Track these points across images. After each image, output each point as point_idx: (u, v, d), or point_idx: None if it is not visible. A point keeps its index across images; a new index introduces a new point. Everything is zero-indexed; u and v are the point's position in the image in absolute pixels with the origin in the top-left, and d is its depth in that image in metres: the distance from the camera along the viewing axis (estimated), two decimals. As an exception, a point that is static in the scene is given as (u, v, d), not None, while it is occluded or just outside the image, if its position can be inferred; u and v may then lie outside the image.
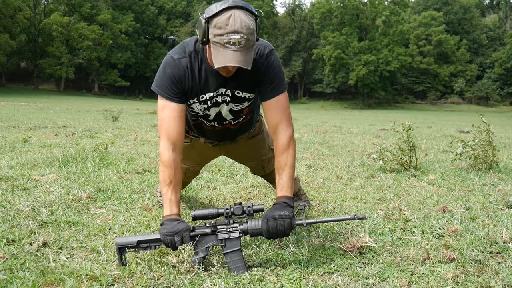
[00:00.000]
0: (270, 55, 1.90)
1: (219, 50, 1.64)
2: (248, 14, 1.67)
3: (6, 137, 6.01)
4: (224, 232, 1.75)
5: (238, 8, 1.64)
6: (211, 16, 1.65)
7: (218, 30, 1.62)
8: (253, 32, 1.66)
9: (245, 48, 1.64)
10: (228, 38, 1.61)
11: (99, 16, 46.99)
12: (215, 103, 1.97)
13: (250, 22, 1.65)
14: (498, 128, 12.50)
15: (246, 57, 1.66)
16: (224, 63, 1.63)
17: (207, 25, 1.67)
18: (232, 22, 1.61)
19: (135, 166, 3.98)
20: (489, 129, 4.03)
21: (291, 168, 1.91)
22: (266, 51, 1.89)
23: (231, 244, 1.73)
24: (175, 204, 1.82)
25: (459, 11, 55.14)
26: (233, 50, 1.62)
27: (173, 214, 1.79)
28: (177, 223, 1.74)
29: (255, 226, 1.77)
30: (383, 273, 1.70)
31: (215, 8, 1.65)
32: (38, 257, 1.83)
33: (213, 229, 1.76)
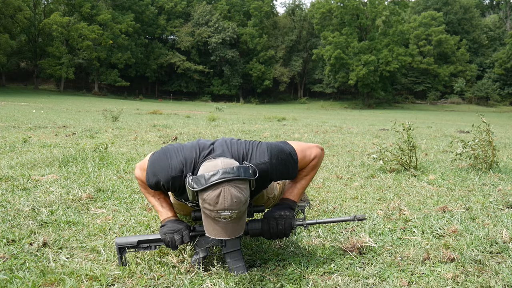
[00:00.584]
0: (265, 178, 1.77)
1: (210, 222, 1.57)
2: (240, 184, 1.55)
3: (6, 137, 6.01)
4: None
5: (229, 181, 1.52)
6: (200, 190, 1.54)
7: (208, 205, 1.53)
8: (245, 202, 1.56)
9: (237, 219, 1.57)
10: (218, 214, 1.53)
11: (99, 16, 47.00)
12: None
13: (241, 195, 1.54)
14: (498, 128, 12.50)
15: (237, 226, 1.59)
16: (215, 235, 1.58)
17: (196, 196, 1.59)
18: (222, 200, 1.51)
19: (135, 166, 3.97)
20: (489, 129, 4.03)
21: (307, 181, 1.93)
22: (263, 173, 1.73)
23: (231, 244, 1.73)
24: (168, 209, 1.84)
25: (459, 11, 55.15)
26: (224, 224, 1.55)
27: (171, 216, 1.80)
28: (177, 223, 1.75)
29: (255, 226, 1.77)
30: (383, 273, 1.70)
31: (204, 181, 1.53)
32: (38, 257, 1.83)
33: None
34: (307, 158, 1.87)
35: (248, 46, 53.38)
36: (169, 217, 1.80)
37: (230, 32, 51.95)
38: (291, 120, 15.14)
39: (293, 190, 1.90)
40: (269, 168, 1.74)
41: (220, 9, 54.41)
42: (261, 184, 1.77)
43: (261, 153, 1.74)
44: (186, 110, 23.84)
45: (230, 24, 52.72)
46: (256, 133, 8.33)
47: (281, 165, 1.77)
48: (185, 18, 55.61)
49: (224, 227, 1.56)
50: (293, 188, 1.90)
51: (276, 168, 1.76)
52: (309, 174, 1.91)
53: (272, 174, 1.77)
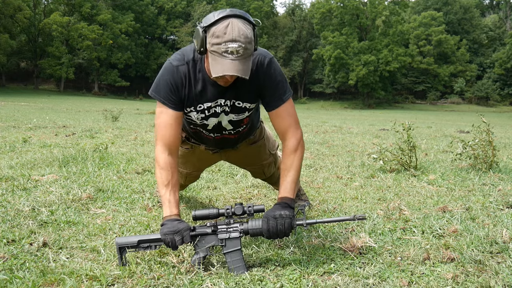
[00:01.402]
0: (270, 64, 1.87)
1: (217, 59, 1.62)
2: (246, 23, 1.65)
3: (6, 137, 6.01)
4: (225, 232, 1.75)
5: (236, 17, 1.63)
6: (208, 25, 1.63)
7: (216, 39, 1.60)
8: (251, 41, 1.64)
9: (243, 57, 1.63)
10: (226, 47, 1.59)
11: (99, 16, 46.99)
12: (213, 113, 1.95)
13: (248, 31, 1.63)
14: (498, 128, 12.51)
15: (244, 66, 1.64)
16: (221, 72, 1.62)
17: (205, 34, 1.65)
18: (230, 30, 1.59)
19: (135, 166, 3.98)
20: (489, 129, 4.03)
21: (296, 171, 1.92)
22: (266, 61, 1.86)
23: (231, 244, 1.73)
24: (174, 205, 1.82)
25: (459, 11, 55.14)
26: (231, 59, 1.60)
27: (173, 215, 1.79)
28: (178, 222, 1.74)
29: (255, 226, 1.77)
30: (383, 273, 1.70)
31: (212, 17, 1.63)
32: (38, 257, 1.83)
33: (213, 229, 1.76)
34: (295, 121, 1.95)
35: (248, 46, 53.32)
36: (171, 215, 1.79)
37: (230, 32, 51.89)
38: (291, 120, 15.09)
39: (286, 185, 1.89)
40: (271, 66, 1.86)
41: (220, 9, 54.03)
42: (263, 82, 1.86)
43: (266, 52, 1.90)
44: (186, 110, 23.77)
45: (230, 24, 52.66)
46: (256, 133, 8.31)
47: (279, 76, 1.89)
48: (185, 18, 55.61)
49: (231, 62, 1.60)
50: (285, 184, 1.89)
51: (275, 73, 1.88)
52: (294, 162, 1.91)
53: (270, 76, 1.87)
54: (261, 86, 1.89)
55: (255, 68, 1.84)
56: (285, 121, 1.93)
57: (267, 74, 1.87)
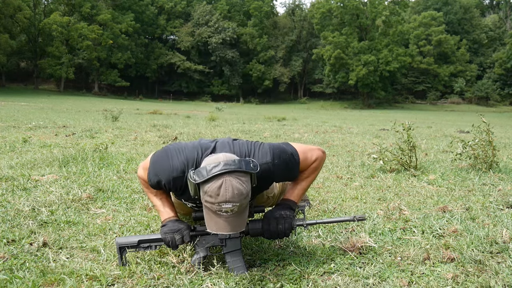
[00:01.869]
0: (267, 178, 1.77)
1: (211, 216, 1.57)
2: (241, 176, 1.55)
3: (6, 137, 6.01)
4: None
5: (230, 173, 1.53)
6: (201, 182, 1.54)
7: (209, 198, 1.53)
8: (246, 195, 1.56)
9: (238, 213, 1.56)
10: (220, 207, 1.52)
11: (99, 16, 46.98)
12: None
13: (243, 187, 1.54)
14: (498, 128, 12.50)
15: (239, 221, 1.59)
16: (216, 230, 1.57)
17: (198, 188, 1.59)
18: (223, 192, 1.51)
19: (135, 166, 3.97)
20: (489, 129, 4.03)
21: (308, 182, 1.92)
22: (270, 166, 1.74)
23: (231, 244, 1.73)
24: (170, 208, 1.83)
25: (459, 11, 55.12)
26: (225, 218, 1.55)
27: (172, 217, 1.80)
28: (178, 222, 1.75)
29: (255, 226, 1.77)
30: (383, 273, 1.70)
31: (205, 173, 1.54)
32: (38, 257, 1.83)
33: None
34: (309, 159, 1.87)
35: (248, 46, 53.35)
36: (170, 217, 1.80)
37: (230, 32, 51.93)
38: (291, 120, 15.14)
39: (293, 191, 1.90)
40: (272, 168, 1.74)
41: (220, 9, 54.39)
42: (263, 184, 1.77)
43: (263, 154, 1.74)
44: (186, 110, 23.84)
45: (230, 24, 52.69)
46: (256, 133, 8.33)
47: (283, 165, 1.77)
48: (185, 18, 55.60)
49: (226, 221, 1.55)
50: (293, 189, 1.90)
51: (278, 168, 1.76)
52: (310, 176, 1.91)
53: (274, 175, 1.76)
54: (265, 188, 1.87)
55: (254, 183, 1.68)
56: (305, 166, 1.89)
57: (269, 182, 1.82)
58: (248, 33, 53.07)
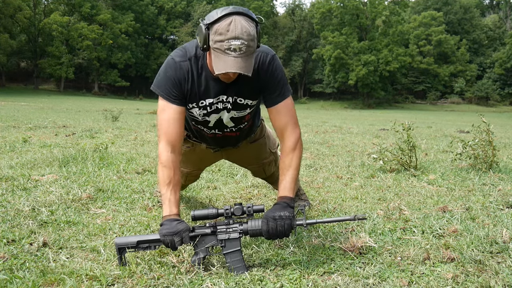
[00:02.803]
0: (272, 61, 1.89)
1: (220, 56, 1.63)
2: (249, 20, 1.65)
3: (6, 137, 6.01)
4: (224, 232, 1.75)
5: (239, 14, 1.63)
6: (211, 22, 1.63)
7: (219, 36, 1.60)
8: (253, 38, 1.65)
9: (246, 54, 1.63)
10: (229, 44, 1.59)
11: (99, 16, 46.98)
12: (215, 109, 1.96)
13: (250, 28, 1.63)
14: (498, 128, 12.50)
15: (247, 64, 1.64)
16: (224, 69, 1.62)
17: (208, 31, 1.65)
18: (232, 28, 1.59)
19: (135, 166, 3.98)
20: (489, 129, 4.03)
21: (295, 169, 1.92)
22: (268, 58, 1.88)
23: (231, 244, 1.73)
24: (174, 204, 1.82)
25: (459, 11, 55.13)
26: (234, 57, 1.61)
27: (172, 214, 1.79)
28: (177, 223, 1.74)
29: (255, 227, 1.76)
30: (383, 273, 1.70)
31: (215, 14, 1.63)
32: (38, 257, 1.83)
33: (213, 229, 1.76)
34: (294, 118, 1.95)
35: (248, 46, 53.33)
36: (170, 214, 1.79)
37: (230, 32, 51.92)
38: (291, 120, 15.08)
39: (285, 185, 1.89)
40: (273, 63, 1.87)
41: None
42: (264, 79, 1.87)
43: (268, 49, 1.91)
44: (186, 110, 23.77)
45: (230, 24, 52.69)
46: (256, 133, 8.31)
47: (280, 73, 1.90)
48: (185, 18, 55.61)
49: (234, 60, 1.60)
50: (284, 183, 1.89)
51: (277, 70, 1.89)
52: (293, 160, 1.91)
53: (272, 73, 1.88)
54: (262, 83, 1.90)
55: (257, 65, 1.84)
56: (284, 118, 1.93)
57: (268, 71, 1.88)
58: (248, 33, 53.04)
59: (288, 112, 1.94)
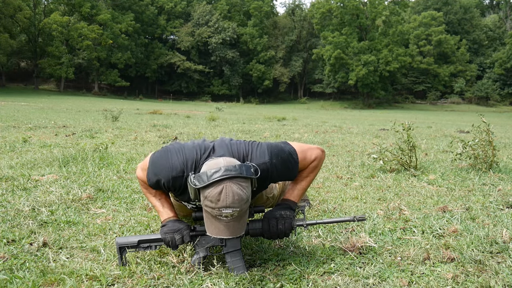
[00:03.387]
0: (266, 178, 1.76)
1: (211, 220, 1.58)
2: (242, 181, 1.56)
3: (6, 137, 6.01)
4: None
5: (231, 179, 1.53)
6: (202, 187, 1.55)
7: (210, 203, 1.54)
8: (247, 200, 1.57)
9: (238, 218, 1.58)
10: (220, 212, 1.53)
11: (99, 16, 46.98)
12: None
13: (243, 193, 1.54)
14: (498, 128, 12.51)
15: (239, 225, 1.60)
16: (216, 235, 1.59)
17: (198, 192, 1.59)
18: (223, 197, 1.51)
19: (135, 166, 3.98)
20: (489, 129, 4.03)
21: (308, 182, 1.92)
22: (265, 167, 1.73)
23: (231, 244, 1.73)
24: (169, 209, 1.83)
25: (459, 11, 55.14)
26: (226, 222, 1.56)
27: (171, 217, 1.80)
28: (178, 222, 1.75)
29: (255, 226, 1.77)
30: (383, 273, 1.70)
31: (206, 178, 1.54)
32: (38, 257, 1.83)
33: None
34: (308, 159, 1.86)
35: (248, 46, 53.36)
36: (170, 217, 1.80)
37: (230, 32, 51.94)
38: (291, 120, 15.14)
39: (293, 191, 1.90)
40: (270, 168, 1.73)
41: (220, 9, 54.41)
42: (261, 184, 1.76)
43: (261, 153, 1.74)
44: (186, 110, 23.83)
45: (230, 24, 52.70)
46: (256, 133, 8.33)
47: (281, 165, 1.76)
48: (185, 18, 55.60)
49: (226, 225, 1.56)
50: (293, 189, 1.90)
51: (276, 168, 1.75)
52: (309, 176, 1.90)
53: (273, 174, 1.76)
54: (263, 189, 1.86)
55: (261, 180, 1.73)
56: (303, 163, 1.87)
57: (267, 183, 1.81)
58: (248, 33, 53.08)
59: (301, 162, 1.85)
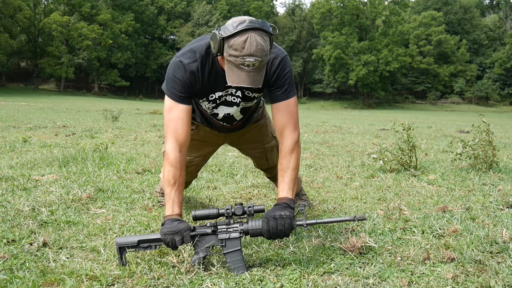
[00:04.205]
0: (282, 61, 1.93)
1: (233, 69, 1.70)
2: (264, 35, 1.69)
3: (6, 137, 6.01)
4: (225, 232, 1.76)
5: (255, 30, 1.66)
6: (227, 36, 1.67)
7: (234, 51, 1.66)
8: (267, 53, 1.71)
9: (259, 69, 1.70)
10: (243, 60, 1.65)
11: (99, 16, 46.97)
12: (224, 101, 2.03)
13: (265, 44, 1.68)
14: (498, 128, 12.51)
15: (259, 77, 1.72)
16: (237, 83, 1.70)
17: (223, 43, 1.70)
18: (248, 45, 1.64)
19: (135, 166, 3.98)
20: (489, 129, 4.03)
21: (293, 170, 1.94)
22: (279, 59, 1.92)
23: (231, 244, 1.73)
24: (177, 204, 1.83)
25: (459, 11, 55.13)
26: (247, 71, 1.68)
27: (174, 214, 1.80)
28: (178, 222, 1.75)
29: (255, 226, 1.77)
30: (383, 273, 1.70)
31: (232, 28, 1.67)
32: (38, 257, 1.83)
33: (213, 229, 1.76)
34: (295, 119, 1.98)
35: (248, 46, 53.31)
36: (172, 214, 1.80)
37: (230, 32, 51.90)
38: (291, 120, 15.08)
39: (284, 186, 1.91)
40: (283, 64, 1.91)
41: (220, 9, 54.40)
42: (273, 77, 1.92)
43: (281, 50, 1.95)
44: (186, 110, 23.75)
45: (230, 24, 52.66)
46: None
47: (289, 73, 1.94)
48: (185, 18, 55.60)
49: (247, 74, 1.68)
50: (283, 184, 1.91)
51: (285, 70, 1.92)
52: (291, 162, 1.93)
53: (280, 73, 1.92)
54: (271, 80, 1.95)
55: (268, 65, 1.90)
56: (284, 117, 1.97)
57: (277, 70, 1.93)
58: (248, 33, 53.00)
59: (289, 112, 1.97)
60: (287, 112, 1.97)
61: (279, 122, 1.99)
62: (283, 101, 1.96)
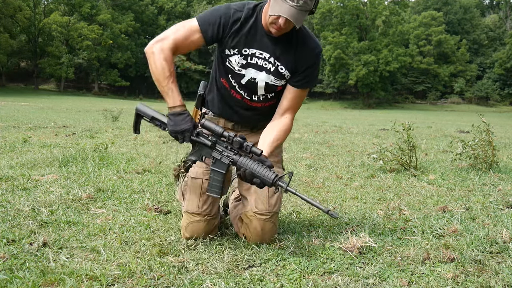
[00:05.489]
0: (319, 54, 2.05)
1: (278, 1, 1.77)
2: None
3: (6, 137, 6.01)
4: (219, 153, 1.90)
5: None
6: None
7: None
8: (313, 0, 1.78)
9: (301, 8, 1.76)
10: None
11: (99, 16, 46.96)
12: (254, 64, 2.00)
13: None
14: (498, 128, 12.51)
15: (299, 16, 1.78)
16: (279, 12, 1.76)
17: None
18: None
19: (135, 166, 3.98)
20: (489, 129, 4.03)
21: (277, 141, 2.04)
22: (317, 50, 2.03)
23: (219, 165, 1.90)
24: (177, 94, 1.93)
25: (459, 11, 55.12)
26: (290, 5, 1.74)
27: (177, 106, 1.92)
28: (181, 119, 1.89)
29: (243, 163, 1.83)
30: (383, 273, 1.70)
31: None
32: (38, 257, 1.83)
33: (211, 144, 1.90)
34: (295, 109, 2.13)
35: (248, 46, 53.31)
36: (175, 106, 1.92)
37: (230, 32, 51.88)
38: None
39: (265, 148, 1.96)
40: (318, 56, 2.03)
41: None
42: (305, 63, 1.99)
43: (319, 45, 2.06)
44: (186, 110, 23.78)
45: (230, 24, 52.65)
46: (256, 133, 8.31)
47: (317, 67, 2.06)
48: (185, 18, 55.14)
49: (290, 8, 1.74)
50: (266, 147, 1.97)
51: (316, 63, 2.04)
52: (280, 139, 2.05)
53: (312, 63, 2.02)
54: (302, 65, 2.00)
55: (308, 47, 1.99)
56: (293, 102, 2.08)
57: (311, 60, 2.02)
58: (248, 33, 53.00)
59: (299, 99, 2.09)
60: (297, 98, 2.08)
61: (285, 104, 2.07)
62: (300, 89, 2.05)
